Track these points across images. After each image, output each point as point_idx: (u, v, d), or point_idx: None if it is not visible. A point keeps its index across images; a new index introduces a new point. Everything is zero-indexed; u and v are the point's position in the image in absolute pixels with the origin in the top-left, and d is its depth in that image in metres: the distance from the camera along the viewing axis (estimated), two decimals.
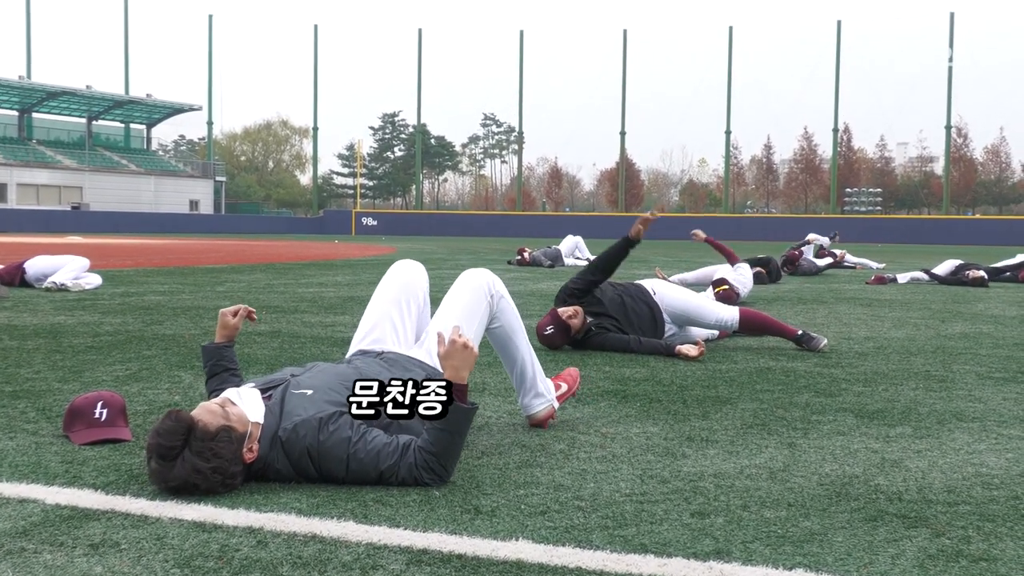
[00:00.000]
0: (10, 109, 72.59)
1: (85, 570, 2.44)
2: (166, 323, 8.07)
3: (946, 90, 68.74)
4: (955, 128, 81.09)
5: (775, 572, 2.48)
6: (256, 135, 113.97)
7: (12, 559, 2.50)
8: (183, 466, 3.00)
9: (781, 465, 3.57)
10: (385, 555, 2.57)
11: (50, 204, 65.22)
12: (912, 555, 2.61)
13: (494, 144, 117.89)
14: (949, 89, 68.62)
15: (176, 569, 2.45)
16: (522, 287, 13.15)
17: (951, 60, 67.97)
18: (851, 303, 10.96)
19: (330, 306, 9.88)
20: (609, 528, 2.81)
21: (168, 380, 5.29)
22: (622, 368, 5.92)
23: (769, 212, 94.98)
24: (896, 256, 27.89)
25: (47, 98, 71.13)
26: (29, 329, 7.47)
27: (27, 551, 2.56)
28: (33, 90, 69.57)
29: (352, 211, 67.84)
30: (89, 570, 2.44)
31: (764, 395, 5.04)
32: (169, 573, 2.43)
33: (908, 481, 3.36)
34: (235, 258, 21.78)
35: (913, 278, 14.98)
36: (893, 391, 5.21)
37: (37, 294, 10.59)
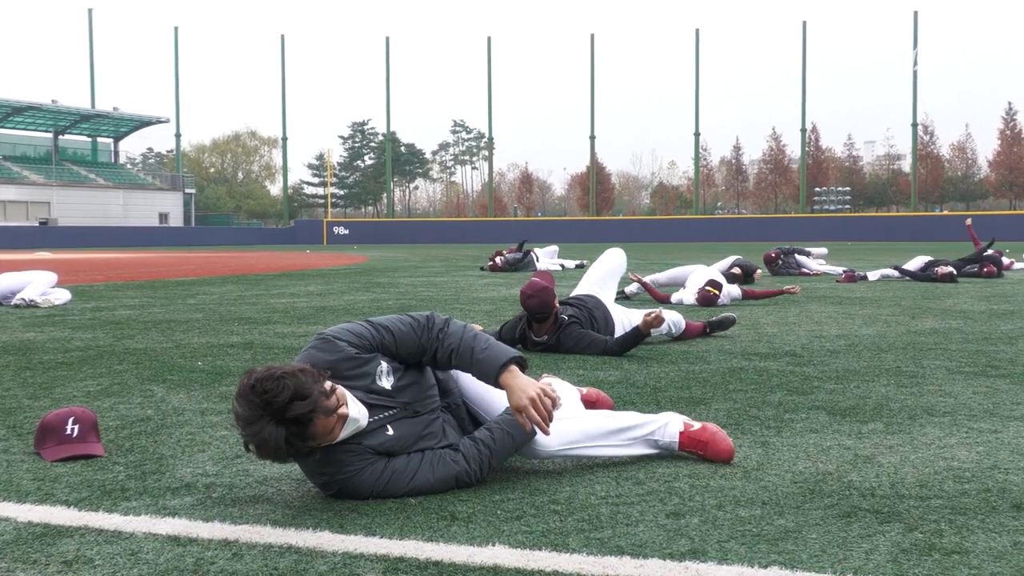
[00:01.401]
0: None
1: None
2: (137, 337, 8.02)
3: (911, 88, 69.38)
4: (922, 125, 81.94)
5: (750, 571, 2.49)
6: (225, 146, 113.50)
7: None
8: (272, 435, 2.85)
9: (755, 464, 3.59)
10: (362, 564, 2.56)
11: (17, 220, 64.66)
12: (886, 550, 2.63)
13: (464, 150, 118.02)
14: (915, 87, 69.30)
15: None
16: (495, 293, 13.16)
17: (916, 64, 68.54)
18: (822, 301, 11.03)
19: (303, 316, 9.85)
20: (585, 531, 2.82)
21: (140, 394, 5.26)
22: (596, 371, 5.94)
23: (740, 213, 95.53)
24: (867, 254, 28.07)
25: (12, 113, 70.51)
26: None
27: (0, 570, 2.54)
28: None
29: (323, 220, 67.70)
30: None
31: (737, 395, 5.06)
32: None
33: (881, 477, 3.38)
34: (206, 270, 21.66)
35: (884, 275, 15.10)
36: (865, 388, 5.25)
37: (6, 311, 10.50)
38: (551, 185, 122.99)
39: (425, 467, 3.24)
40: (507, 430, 3.40)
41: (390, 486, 3.17)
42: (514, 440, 3.40)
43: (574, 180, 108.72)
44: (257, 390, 2.85)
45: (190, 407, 4.87)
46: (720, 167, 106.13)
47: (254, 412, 2.85)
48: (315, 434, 2.93)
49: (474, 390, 3.73)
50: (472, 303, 11.37)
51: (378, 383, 3.29)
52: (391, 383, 3.33)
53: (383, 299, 12.11)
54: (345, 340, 3.27)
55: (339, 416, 3.01)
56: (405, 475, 3.20)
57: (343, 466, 3.13)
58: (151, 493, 3.28)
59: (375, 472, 3.17)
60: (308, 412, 2.87)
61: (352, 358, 3.25)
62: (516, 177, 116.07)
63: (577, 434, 3.54)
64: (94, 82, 76.23)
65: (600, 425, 3.61)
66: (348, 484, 3.15)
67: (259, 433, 2.86)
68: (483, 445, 3.35)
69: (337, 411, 2.99)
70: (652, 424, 3.69)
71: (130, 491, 3.31)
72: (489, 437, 3.39)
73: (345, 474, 3.14)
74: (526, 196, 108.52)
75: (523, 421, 3.28)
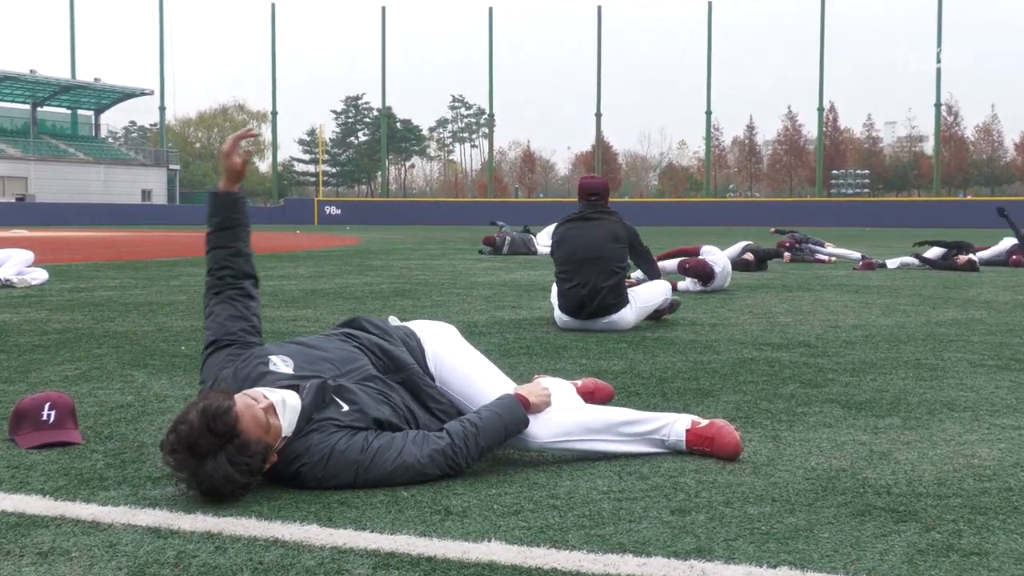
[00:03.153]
0: None
1: None
2: (118, 320, 8.02)
3: (935, 67, 69.23)
4: (945, 106, 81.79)
5: (759, 570, 2.49)
6: (211, 120, 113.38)
7: None
8: (216, 470, 2.93)
9: (765, 459, 3.59)
10: (351, 559, 2.57)
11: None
12: (901, 550, 2.63)
13: (463, 128, 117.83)
14: (938, 63, 69.11)
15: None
16: (493, 277, 13.16)
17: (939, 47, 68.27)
18: (838, 290, 11.03)
19: (292, 300, 9.85)
20: (586, 527, 2.82)
21: (120, 379, 5.27)
22: (599, 360, 5.94)
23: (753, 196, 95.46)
24: (886, 240, 28.07)
25: None
26: None
27: None
28: None
29: (314, 199, 67.59)
30: None
31: (747, 387, 5.07)
32: None
33: (897, 474, 3.39)
34: (191, 250, 21.65)
35: (903, 263, 15.10)
36: (882, 381, 5.26)
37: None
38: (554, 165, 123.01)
39: (411, 443, 3.25)
40: (496, 411, 3.42)
41: (375, 463, 3.18)
42: (503, 421, 3.40)
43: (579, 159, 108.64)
44: (175, 445, 2.94)
45: (172, 393, 4.88)
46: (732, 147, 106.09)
47: (187, 458, 2.94)
48: (253, 439, 2.99)
49: (458, 386, 3.74)
50: (470, 288, 11.38)
51: (280, 371, 3.38)
52: (291, 366, 3.42)
53: (376, 283, 12.11)
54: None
55: (265, 409, 3.06)
56: (391, 451, 3.21)
57: (314, 446, 3.16)
58: (131, 483, 3.29)
59: (355, 447, 3.18)
60: (239, 433, 2.96)
61: (231, 356, 3.45)
62: (518, 156, 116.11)
63: (571, 425, 3.54)
64: (75, 51, 76.07)
65: (598, 418, 3.62)
66: (330, 465, 3.15)
67: (209, 476, 2.94)
68: (469, 423, 3.37)
69: (260, 408, 3.06)
70: (657, 421, 3.68)
71: (109, 480, 3.31)
72: (476, 417, 3.41)
73: (320, 453, 3.15)
74: (528, 176, 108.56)
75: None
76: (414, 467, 3.21)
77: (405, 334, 3.85)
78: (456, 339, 3.97)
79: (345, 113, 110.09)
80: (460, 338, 4.00)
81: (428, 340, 3.87)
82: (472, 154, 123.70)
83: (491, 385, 3.71)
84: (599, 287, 7.28)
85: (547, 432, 3.49)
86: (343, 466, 3.16)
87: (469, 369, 3.80)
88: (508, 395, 3.52)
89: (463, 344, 3.95)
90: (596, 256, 7.36)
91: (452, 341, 3.93)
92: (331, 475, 3.16)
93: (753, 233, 30.72)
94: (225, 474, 2.94)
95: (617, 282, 7.35)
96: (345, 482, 3.16)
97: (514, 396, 3.51)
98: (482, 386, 3.69)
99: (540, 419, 3.50)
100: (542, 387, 3.65)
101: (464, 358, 3.85)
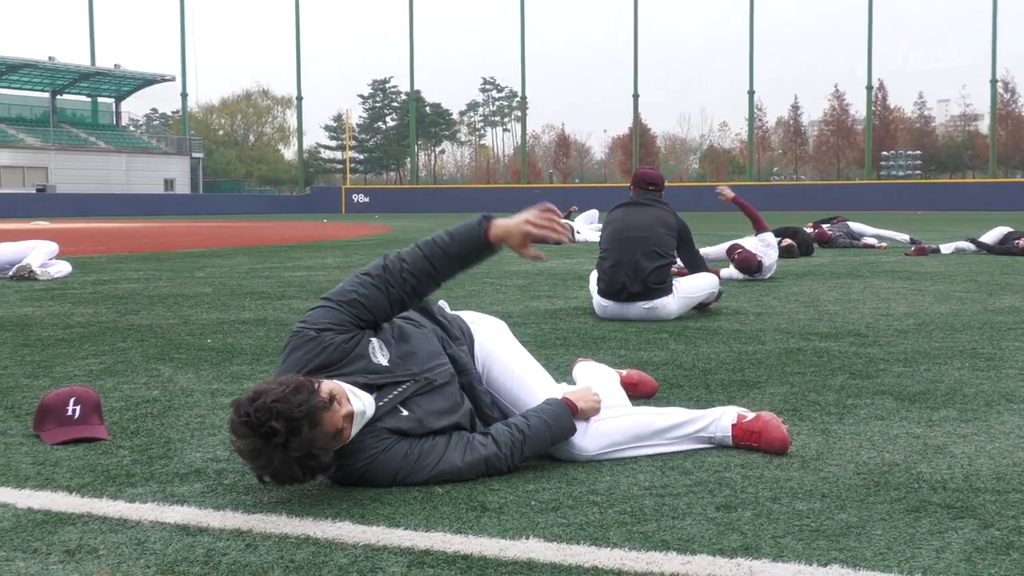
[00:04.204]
0: None
1: None
2: (142, 312, 8.09)
3: (991, 39, 68.39)
4: (1001, 82, 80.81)
5: (808, 568, 2.49)
6: (235, 106, 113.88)
7: None
8: (282, 460, 2.87)
9: (814, 453, 3.58)
10: (384, 557, 2.59)
11: (13, 187, 65.27)
12: (958, 548, 2.62)
13: (495, 111, 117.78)
14: (994, 38, 68.24)
15: (159, 575, 2.47)
16: (528, 266, 13.16)
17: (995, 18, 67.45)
18: (889, 276, 10.96)
19: (320, 291, 9.90)
20: (627, 524, 2.83)
21: (145, 373, 5.32)
22: (639, 351, 5.94)
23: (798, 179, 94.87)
24: (939, 225, 27.83)
25: (6, 71, 71.05)
26: None
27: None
28: None
29: (341, 187, 67.81)
30: None
31: (795, 378, 5.05)
32: None
33: (953, 468, 3.37)
34: (215, 241, 21.81)
35: (958, 248, 14.97)
36: (936, 371, 5.22)
37: (2, 284, 10.62)
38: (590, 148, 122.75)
39: (452, 449, 3.26)
40: (545, 419, 3.42)
41: (415, 469, 3.19)
42: (551, 431, 3.41)
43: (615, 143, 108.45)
44: (252, 424, 2.86)
45: (199, 388, 4.92)
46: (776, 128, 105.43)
47: (255, 446, 2.89)
48: (325, 446, 2.95)
49: (505, 384, 3.73)
50: (504, 276, 11.38)
51: (375, 361, 3.31)
52: (387, 358, 3.35)
53: None
54: (327, 329, 3.27)
55: (345, 417, 3.03)
56: (431, 457, 3.22)
57: (362, 452, 3.15)
58: (158, 479, 3.32)
59: (398, 454, 3.19)
60: (311, 433, 2.89)
61: (340, 346, 3.26)
62: (552, 140, 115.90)
63: (619, 435, 3.54)
64: (94, 38, 76.60)
65: (646, 424, 3.60)
66: (369, 470, 3.17)
67: (270, 463, 2.90)
68: (516, 430, 3.36)
69: (341, 415, 3.01)
70: (704, 419, 3.68)
71: (136, 477, 3.35)
72: (524, 423, 3.40)
73: (365, 461, 3.16)
74: (562, 160, 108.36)
75: (532, 254, 3.47)
76: (452, 473, 3.24)
77: (460, 328, 3.85)
78: (507, 336, 3.95)
79: (372, 97, 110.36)
80: (511, 335, 3.98)
81: (478, 331, 3.86)
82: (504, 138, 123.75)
83: (539, 387, 3.70)
84: (642, 267, 7.29)
85: (595, 445, 3.49)
86: (383, 470, 3.18)
87: (518, 367, 3.78)
88: (557, 401, 3.50)
89: (514, 342, 3.93)
90: (642, 236, 7.39)
91: (503, 336, 3.92)
92: (369, 477, 3.18)
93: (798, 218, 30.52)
94: (291, 472, 2.92)
95: (661, 266, 7.35)
96: (381, 484, 3.18)
97: (563, 403, 3.50)
98: (530, 388, 3.68)
99: (588, 431, 3.48)
100: (592, 393, 3.63)
101: (514, 357, 3.83)
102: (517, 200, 61.54)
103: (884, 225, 18.46)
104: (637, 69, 75.07)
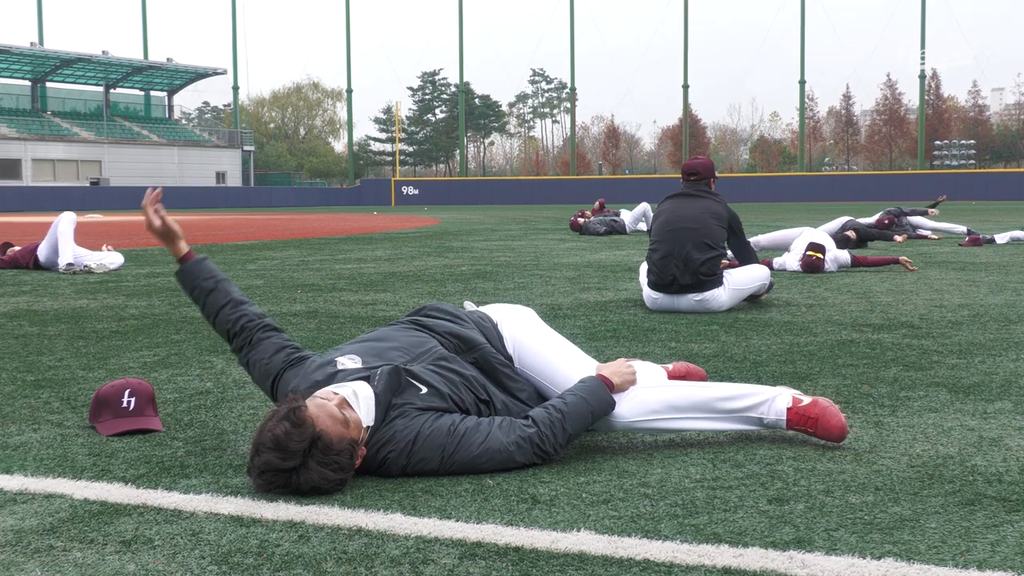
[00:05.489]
0: (22, 79, 73.63)
1: (117, 568, 2.49)
2: (195, 305, 8.15)
3: None
4: None
5: (862, 562, 2.47)
6: (286, 100, 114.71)
7: (41, 557, 2.56)
8: (309, 474, 3.00)
9: (867, 446, 3.55)
10: (436, 548, 2.60)
11: (67, 180, 66.23)
12: (1014, 541, 2.59)
13: (544, 102, 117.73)
14: None
15: (213, 566, 2.50)
16: (578, 258, 13.15)
17: None
18: (943, 267, 10.83)
19: (370, 283, 9.95)
20: (679, 516, 2.82)
21: (199, 366, 5.37)
22: (689, 343, 5.91)
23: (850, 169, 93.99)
24: (994, 215, 27.46)
25: (61, 66, 72.02)
26: (50, 314, 7.61)
27: (56, 549, 2.62)
28: (46, 57, 70.42)
29: (391, 180, 68.11)
30: (122, 568, 2.49)
31: (847, 370, 5.01)
32: (206, 570, 2.48)
33: (1009, 461, 3.33)
34: (266, 233, 21.98)
35: (1013, 238, 14.77)
36: (991, 363, 5.16)
37: (56, 277, 10.78)
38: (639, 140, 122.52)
39: (497, 429, 3.27)
40: (582, 396, 3.42)
41: (461, 447, 3.20)
42: (589, 405, 3.40)
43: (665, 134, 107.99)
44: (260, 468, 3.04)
45: (251, 380, 4.95)
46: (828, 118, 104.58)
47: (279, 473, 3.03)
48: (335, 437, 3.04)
49: (541, 371, 3.75)
50: (553, 269, 11.38)
51: (346, 368, 3.42)
52: (359, 362, 3.46)
53: (456, 264, 12.17)
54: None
55: (338, 405, 3.11)
56: (477, 435, 3.23)
57: (399, 432, 3.20)
58: (212, 471, 3.36)
59: (441, 429, 3.22)
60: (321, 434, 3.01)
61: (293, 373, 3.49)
62: (601, 131, 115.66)
63: (656, 403, 3.52)
64: (146, 31, 77.58)
65: (686, 395, 3.58)
66: (415, 450, 3.18)
67: (305, 481, 3.02)
68: (555, 409, 3.37)
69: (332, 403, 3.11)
70: (754, 397, 3.63)
71: (190, 468, 3.39)
72: (561, 402, 3.41)
73: (406, 439, 3.19)
74: (612, 152, 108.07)
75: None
76: (501, 452, 3.23)
77: (479, 318, 3.88)
78: (534, 321, 3.97)
79: (422, 90, 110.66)
80: (538, 320, 4.00)
81: (505, 324, 3.89)
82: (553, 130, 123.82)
83: (573, 367, 3.71)
84: (692, 258, 7.25)
85: (630, 411, 3.48)
86: (429, 449, 3.19)
87: (549, 351, 3.81)
88: (592, 377, 3.52)
89: (541, 326, 3.96)
90: (693, 227, 7.35)
91: (530, 323, 3.94)
92: (416, 460, 3.19)
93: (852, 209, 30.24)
94: (320, 476, 3.00)
95: (712, 258, 7.30)
96: (430, 467, 3.19)
97: (597, 378, 3.51)
98: (564, 368, 3.70)
99: (624, 398, 3.49)
100: (627, 365, 3.64)
101: (544, 340, 3.86)
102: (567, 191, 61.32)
103: (939, 217, 18.22)
104: (687, 59, 74.74)
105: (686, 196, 7.65)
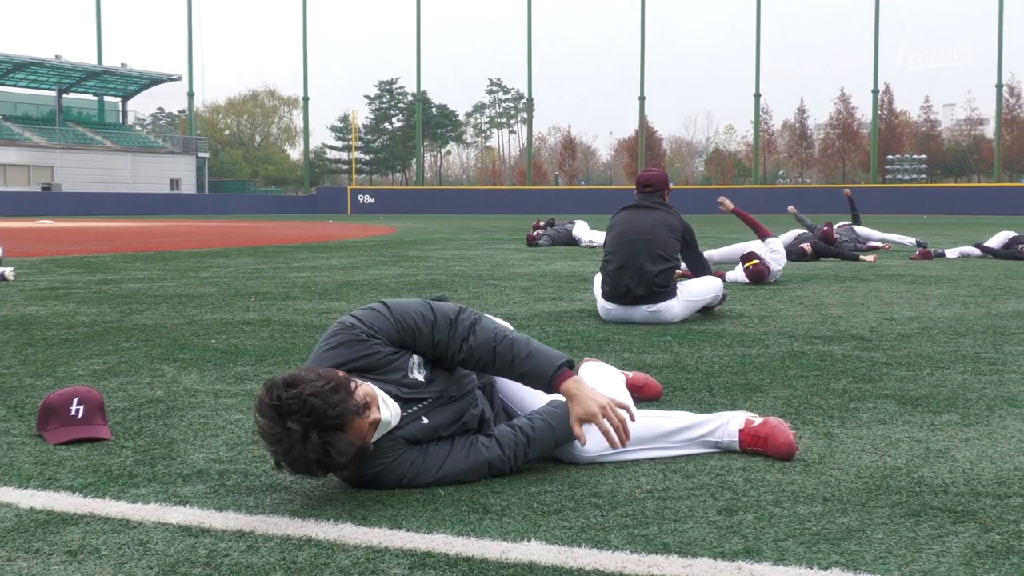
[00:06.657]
0: None
1: None
2: (146, 312, 8.11)
3: (996, 44, 68.30)
4: (1007, 87, 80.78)
5: (809, 572, 2.49)
6: (241, 107, 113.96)
7: None
8: (300, 453, 2.86)
9: (816, 457, 3.58)
10: (386, 559, 2.59)
11: (18, 185, 65.32)
12: (959, 552, 2.62)
13: (501, 112, 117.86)
14: (1000, 44, 68.19)
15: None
16: (533, 268, 13.17)
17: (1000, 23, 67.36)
18: (893, 280, 10.95)
19: (324, 292, 9.91)
20: (629, 527, 2.83)
21: (149, 374, 5.33)
22: (642, 354, 5.94)
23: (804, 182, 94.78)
24: (944, 228, 27.80)
25: (13, 70, 71.14)
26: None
27: (0, 559, 2.59)
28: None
29: (347, 188, 67.88)
30: None
31: (798, 381, 5.05)
32: None
33: (955, 472, 3.37)
34: (220, 241, 21.83)
35: (963, 252, 14.95)
36: (939, 375, 5.22)
37: (5, 284, 10.64)
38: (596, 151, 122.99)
39: (457, 452, 3.27)
40: (549, 422, 3.41)
41: (421, 472, 3.20)
42: (555, 433, 3.41)
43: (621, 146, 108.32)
44: (281, 411, 2.85)
45: (203, 388, 4.93)
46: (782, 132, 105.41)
47: (280, 431, 2.87)
48: (345, 450, 2.94)
49: (511, 387, 3.74)
50: (508, 279, 11.39)
51: (411, 376, 3.32)
52: (424, 375, 3.35)
53: (411, 274, 12.15)
54: (376, 337, 3.29)
55: (371, 423, 3.02)
56: (436, 459, 3.23)
57: (376, 458, 3.16)
58: (161, 480, 3.33)
59: (407, 460, 3.20)
60: (336, 436, 2.88)
61: (385, 357, 3.27)
62: (558, 142, 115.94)
63: None
64: (101, 36, 76.77)
65: (652, 427, 3.58)
66: (380, 475, 3.18)
67: (289, 452, 2.89)
68: (520, 432, 3.37)
69: (369, 421, 3.00)
70: (710, 424, 3.67)
71: (139, 477, 3.35)
72: (528, 425, 3.40)
73: (378, 466, 3.17)
74: (568, 163, 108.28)
75: (579, 433, 3.24)
76: (455, 475, 3.24)
77: None
78: None
79: (379, 98, 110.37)
80: None
81: None
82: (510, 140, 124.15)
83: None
84: (646, 270, 7.28)
85: (598, 447, 3.47)
86: (391, 476, 3.19)
87: None
88: (562, 403, 3.46)
89: None
90: (647, 239, 7.39)
91: None
92: (378, 481, 3.19)
93: None
94: (308, 464, 2.90)
95: (665, 269, 7.34)
96: (386, 487, 3.19)
97: (567, 404, 3.48)
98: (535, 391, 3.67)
99: (592, 434, 3.40)
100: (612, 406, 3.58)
101: None
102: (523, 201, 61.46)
103: (890, 229, 18.41)
104: (643, 72, 75.10)
105: (640, 208, 7.68)
